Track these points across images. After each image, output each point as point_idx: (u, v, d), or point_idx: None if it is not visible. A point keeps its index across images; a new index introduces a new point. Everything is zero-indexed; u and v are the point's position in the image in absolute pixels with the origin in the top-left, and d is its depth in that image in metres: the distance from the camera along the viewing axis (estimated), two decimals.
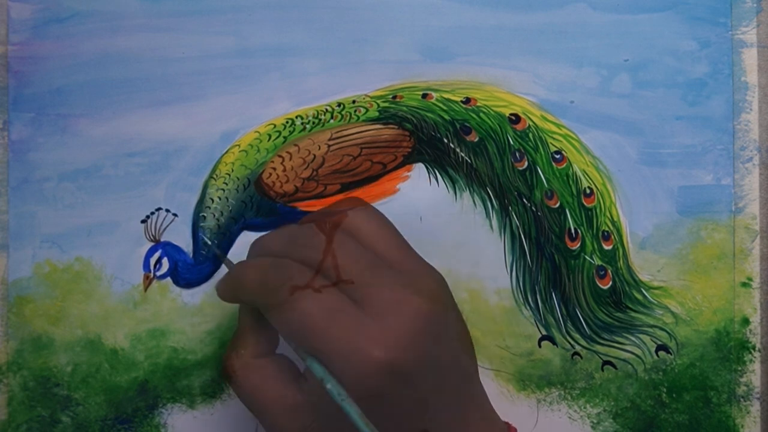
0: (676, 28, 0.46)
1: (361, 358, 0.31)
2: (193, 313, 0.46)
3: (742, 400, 0.46)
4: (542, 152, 0.47)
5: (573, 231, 0.46)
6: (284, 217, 0.46)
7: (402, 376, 0.32)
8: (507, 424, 0.38)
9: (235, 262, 0.40)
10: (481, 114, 0.47)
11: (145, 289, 0.46)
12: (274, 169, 0.46)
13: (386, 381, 0.32)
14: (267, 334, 0.37)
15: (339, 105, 0.47)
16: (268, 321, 0.36)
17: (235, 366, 0.36)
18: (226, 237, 0.46)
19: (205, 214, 0.46)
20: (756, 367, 0.46)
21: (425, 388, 0.33)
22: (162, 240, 0.46)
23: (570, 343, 0.46)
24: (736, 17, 0.46)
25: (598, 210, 0.46)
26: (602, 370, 0.46)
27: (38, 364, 0.46)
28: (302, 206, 0.46)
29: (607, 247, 0.46)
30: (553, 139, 0.46)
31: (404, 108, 0.47)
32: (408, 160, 0.47)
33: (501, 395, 0.46)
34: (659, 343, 0.46)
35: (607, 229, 0.46)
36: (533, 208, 0.46)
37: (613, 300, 0.46)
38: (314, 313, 0.32)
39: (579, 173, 0.46)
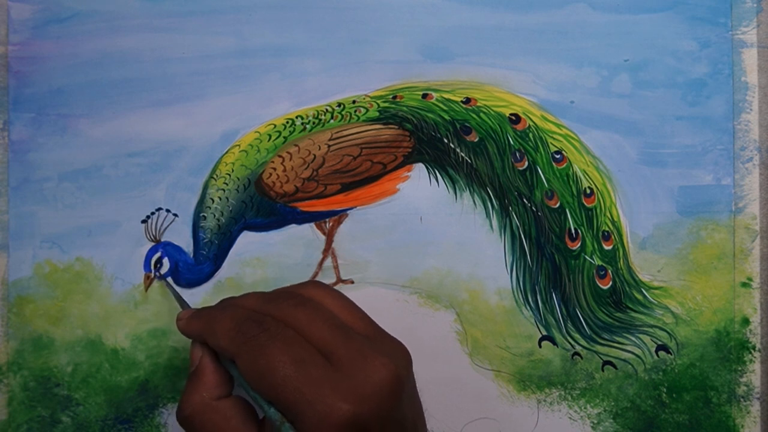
0: (676, 28, 0.46)
1: (327, 408, 0.32)
2: None
3: (742, 400, 0.46)
4: (542, 152, 0.47)
5: (573, 231, 0.46)
6: (284, 217, 0.46)
7: (366, 430, 0.32)
8: None
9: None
10: (481, 114, 0.47)
11: (146, 289, 0.46)
12: (275, 169, 0.46)
13: None
14: (225, 375, 0.37)
15: (339, 105, 0.47)
16: (224, 364, 0.37)
17: (196, 407, 0.36)
18: (227, 237, 0.46)
19: (206, 214, 0.46)
20: (756, 367, 0.46)
21: None
22: (162, 240, 0.46)
23: (570, 343, 0.46)
24: (736, 17, 0.46)
25: (598, 210, 0.46)
26: (602, 370, 0.46)
27: (38, 364, 0.46)
28: (302, 206, 0.46)
29: (607, 247, 0.46)
30: (553, 139, 0.46)
31: (404, 108, 0.47)
32: (408, 160, 0.47)
33: (501, 396, 0.46)
34: (659, 343, 0.46)
35: (607, 229, 0.46)
36: (533, 208, 0.46)
37: (614, 300, 0.46)
38: (285, 361, 0.33)
39: (579, 173, 0.46)
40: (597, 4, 0.46)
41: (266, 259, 0.46)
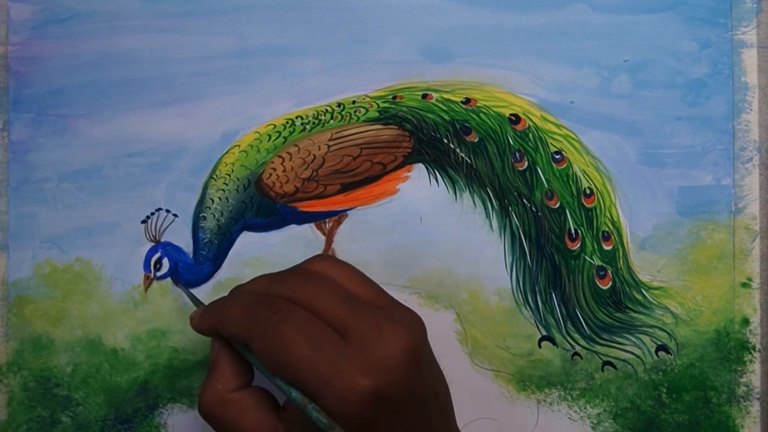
0: (676, 28, 0.46)
1: (345, 384, 0.32)
2: None
3: (742, 400, 0.46)
4: (542, 152, 0.47)
5: (573, 231, 0.46)
6: (284, 218, 0.46)
7: (388, 403, 0.32)
8: None
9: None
10: (481, 114, 0.47)
11: (146, 290, 0.46)
12: (274, 169, 0.46)
13: (373, 408, 0.32)
14: (242, 366, 0.37)
15: (339, 105, 0.47)
16: (241, 355, 0.36)
17: (211, 401, 0.36)
18: (226, 237, 0.46)
19: (206, 215, 0.46)
20: (756, 367, 0.46)
21: (412, 416, 0.33)
22: (162, 240, 0.46)
23: (570, 343, 0.46)
24: (736, 18, 0.46)
25: (598, 210, 0.46)
26: (602, 370, 0.46)
27: (38, 364, 0.46)
28: (302, 206, 0.46)
29: (607, 247, 0.46)
30: (553, 139, 0.46)
31: (404, 108, 0.47)
32: (408, 161, 0.47)
33: (501, 396, 0.46)
34: (659, 343, 0.46)
35: (607, 229, 0.46)
36: (533, 209, 0.46)
37: (613, 300, 0.46)
38: (299, 340, 0.33)
39: (579, 173, 0.46)
40: (597, 4, 0.46)
41: (266, 260, 0.46)
